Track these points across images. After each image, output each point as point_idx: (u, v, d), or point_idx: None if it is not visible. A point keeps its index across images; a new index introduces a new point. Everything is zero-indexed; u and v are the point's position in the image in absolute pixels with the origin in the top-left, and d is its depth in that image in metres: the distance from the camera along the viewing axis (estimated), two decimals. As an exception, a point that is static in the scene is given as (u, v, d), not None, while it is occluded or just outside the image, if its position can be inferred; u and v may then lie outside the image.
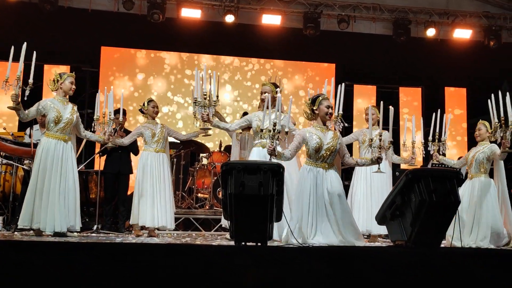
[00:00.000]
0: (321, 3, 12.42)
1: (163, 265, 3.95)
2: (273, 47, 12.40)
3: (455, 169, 6.93)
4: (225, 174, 4.71)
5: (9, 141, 7.62)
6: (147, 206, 6.97)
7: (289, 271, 4.07)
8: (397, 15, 12.57)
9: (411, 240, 5.01)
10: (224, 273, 3.95)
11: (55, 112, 6.37)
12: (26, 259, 3.84)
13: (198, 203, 9.69)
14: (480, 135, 6.90)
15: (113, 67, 12.08)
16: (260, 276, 3.99)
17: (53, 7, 11.27)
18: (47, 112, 6.40)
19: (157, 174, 7.10)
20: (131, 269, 3.91)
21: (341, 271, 4.15)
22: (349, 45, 12.55)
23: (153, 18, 11.67)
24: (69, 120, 6.44)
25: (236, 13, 12.05)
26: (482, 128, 6.90)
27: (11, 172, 8.25)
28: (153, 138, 7.19)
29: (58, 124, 6.38)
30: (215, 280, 3.87)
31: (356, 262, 4.24)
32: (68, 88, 6.54)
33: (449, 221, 5.23)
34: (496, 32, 12.63)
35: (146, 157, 7.16)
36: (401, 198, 5.12)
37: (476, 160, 6.72)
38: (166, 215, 7.08)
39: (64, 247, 4.30)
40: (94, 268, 3.86)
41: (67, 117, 6.42)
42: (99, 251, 4.09)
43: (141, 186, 7.02)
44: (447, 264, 4.39)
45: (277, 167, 4.76)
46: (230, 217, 4.69)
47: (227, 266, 4.01)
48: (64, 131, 6.41)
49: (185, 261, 4.00)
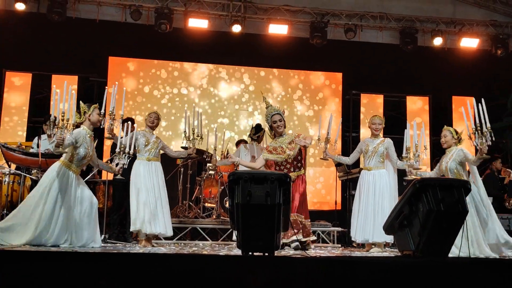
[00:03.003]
0: (328, 12, 12.46)
1: (170, 275, 3.95)
2: (280, 56, 12.43)
3: None
4: (232, 183, 4.70)
5: (17, 151, 7.64)
6: (145, 213, 6.98)
7: (297, 281, 4.06)
8: (404, 24, 12.59)
9: (419, 250, 4.99)
10: (231, 283, 3.94)
11: (86, 149, 6.33)
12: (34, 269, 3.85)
13: (205, 212, 9.68)
14: (446, 142, 6.76)
15: (121, 77, 12.12)
16: (267, 286, 3.97)
17: (61, 17, 11.37)
18: (79, 145, 6.29)
19: (150, 183, 7.12)
20: (138, 279, 3.91)
21: (348, 281, 4.13)
22: (356, 54, 12.57)
23: (161, 28, 11.74)
24: (91, 157, 6.48)
25: (243, 23, 12.11)
26: (447, 135, 6.78)
27: (19, 181, 8.27)
28: (146, 146, 7.23)
29: (84, 160, 6.37)
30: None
31: (364, 272, 4.22)
32: (96, 119, 6.41)
33: (457, 231, 5.20)
34: (504, 40, 12.62)
35: (138, 166, 7.20)
36: (408, 208, 5.10)
37: (450, 170, 6.59)
38: (165, 222, 7.10)
39: (71, 256, 4.30)
40: (101, 277, 3.87)
41: (90, 154, 6.42)
42: (106, 261, 4.09)
43: (137, 195, 7.04)
44: (456, 273, 4.37)
45: (284, 176, 4.76)
46: (237, 227, 4.68)
47: (234, 276, 4.00)
48: (83, 166, 6.54)
49: (192, 271, 4.00)
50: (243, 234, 4.65)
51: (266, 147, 7.34)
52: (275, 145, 7.14)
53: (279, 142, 7.14)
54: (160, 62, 12.45)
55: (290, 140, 7.10)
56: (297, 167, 7.09)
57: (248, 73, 12.74)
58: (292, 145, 7.05)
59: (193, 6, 12.08)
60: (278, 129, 7.13)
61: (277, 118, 7.11)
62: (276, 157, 7.06)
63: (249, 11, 12.32)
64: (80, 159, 6.29)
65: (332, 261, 4.57)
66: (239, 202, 4.60)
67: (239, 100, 12.62)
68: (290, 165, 7.06)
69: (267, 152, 7.17)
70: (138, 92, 12.15)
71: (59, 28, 11.50)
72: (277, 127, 7.12)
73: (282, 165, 7.08)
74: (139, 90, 12.18)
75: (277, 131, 7.15)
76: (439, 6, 12.80)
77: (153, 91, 12.26)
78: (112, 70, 12.12)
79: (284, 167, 7.06)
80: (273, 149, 7.13)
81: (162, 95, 12.30)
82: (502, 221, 8.73)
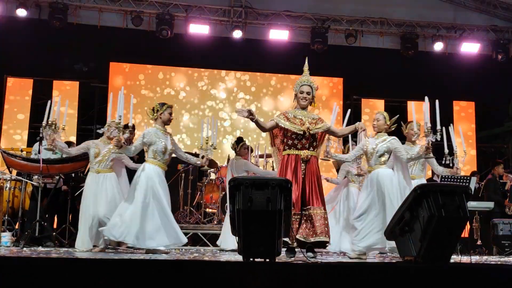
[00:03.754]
0: (329, 18, 12.49)
1: (171, 281, 3.94)
2: (280, 62, 12.45)
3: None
4: (233, 189, 4.69)
5: (18, 157, 7.65)
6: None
7: (298, 286, 4.05)
8: (404, 29, 12.61)
9: (421, 256, 4.98)
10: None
11: (163, 144, 6.43)
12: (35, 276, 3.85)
13: (206, 218, 9.67)
14: (378, 126, 6.58)
15: (122, 82, 12.14)
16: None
17: (62, 23, 11.41)
18: (153, 142, 6.41)
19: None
20: (139, 285, 3.90)
21: (349, 287, 4.12)
22: (357, 60, 12.58)
23: (162, 34, 11.78)
24: (172, 150, 6.56)
25: (244, 29, 12.15)
26: (380, 119, 6.61)
27: (20, 187, 8.28)
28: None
29: (165, 154, 6.45)
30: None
31: (365, 278, 4.21)
32: (167, 118, 6.54)
33: (458, 236, 5.20)
34: (504, 45, 12.64)
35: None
36: (410, 213, 5.09)
37: (378, 151, 6.47)
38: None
39: (73, 263, 4.30)
40: (102, 284, 3.86)
41: (170, 148, 6.51)
42: (107, 267, 4.09)
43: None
44: (457, 279, 4.36)
45: (285, 182, 4.75)
46: (238, 233, 4.67)
47: (235, 282, 4.00)
48: (167, 160, 6.58)
49: (193, 277, 3.99)
50: (244, 240, 4.64)
51: (282, 113, 6.19)
52: (295, 114, 6.07)
53: (300, 114, 6.08)
54: (161, 68, 12.47)
55: (314, 118, 6.11)
56: (312, 146, 6.05)
57: (250, 78, 12.75)
58: (314, 121, 6.06)
59: (194, 12, 12.12)
60: (302, 102, 6.09)
61: (305, 89, 6.12)
62: (292, 126, 5.97)
63: (250, 17, 12.35)
64: (161, 154, 6.42)
65: (333, 267, 4.56)
66: (240, 208, 4.60)
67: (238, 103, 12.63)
68: (306, 141, 6.00)
69: (283, 118, 6.04)
70: (140, 98, 12.15)
71: (60, 34, 11.54)
72: (302, 98, 6.09)
73: (296, 139, 5.98)
74: (141, 96, 12.18)
75: (300, 103, 6.12)
76: (439, 11, 12.83)
77: (154, 95, 12.28)
78: (113, 76, 12.13)
79: (298, 142, 5.98)
80: (292, 118, 6.04)
81: (161, 99, 12.29)
82: (503, 226, 8.75)
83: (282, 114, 6.11)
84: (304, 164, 5.95)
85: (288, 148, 6.01)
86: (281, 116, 6.09)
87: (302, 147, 5.98)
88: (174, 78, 12.50)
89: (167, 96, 12.25)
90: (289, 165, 5.93)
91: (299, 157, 5.93)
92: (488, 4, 12.81)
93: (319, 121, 6.11)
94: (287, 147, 6.02)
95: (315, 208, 5.86)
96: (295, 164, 5.93)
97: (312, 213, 5.84)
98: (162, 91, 12.36)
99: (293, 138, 6.00)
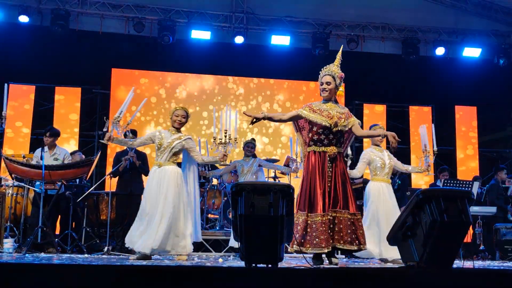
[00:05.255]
0: (330, 23, 12.51)
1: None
2: (282, 67, 12.46)
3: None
4: (235, 195, 4.69)
5: (20, 163, 7.64)
6: None
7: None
8: (406, 34, 12.63)
9: (423, 261, 4.97)
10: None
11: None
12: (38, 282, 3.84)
13: (209, 224, 9.66)
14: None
15: (124, 88, 12.15)
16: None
17: (64, 30, 11.45)
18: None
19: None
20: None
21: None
22: (359, 65, 12.58)
23: (164, 40, 11.80)
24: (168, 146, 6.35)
25: (246, 34, 12.16)
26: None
27: (22, 194, 8.28)
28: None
29: (159, 150, 6.33)
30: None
31: (368, 283, 4.20)
32: (173, 120, 6.42)
33: (461, 241, 5.19)
34: (506, 50, 12.65)
35: None
36: (412, 219, 5.08)
37: None
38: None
39: (75, 269, 4.29)
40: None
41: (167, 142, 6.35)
42: (109, 274, 4.08)
43: None
44: (460, 284, 4.35)
45: (287, 187, 4.75)
46: (240, 239, 4.67)
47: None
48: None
49: (195, 283, 3.98)
50: (246, 246, 4.64)
51: (307, 104, 5.76)
52: (321, 107, 5.67)
53: (328, 106, 5.69)
54: (163, 74, 12.48)
55: (342, 111, 5.73)
56: (339, 142, 5.67)
57: (251, 84, 12.75)
58: (342, 115, 5.67)
59: (196, 18, 12.15)
60: (323, 94, 5.73)
61: (325, 79, 5.76)
62: (319, 118, 5.57)
63: (252, 22, 12.38)
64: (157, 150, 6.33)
65: (336, 272, 4.55)
66: (242, 214, 4.59)
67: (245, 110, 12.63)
68: (334, 137, 5.62)
69: (309, 110, 5.65)
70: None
71: (62, 40, 11.58)
72: (322, 90, 5.74)
73: (323, 134, 5.60)
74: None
75: (322, 95, 5.76)
76: (441, 16, 12.84)
77: (157, 102, 12.28)
78: (115, 82, 12.14)
79: (325, 137, 5.60)
80: (318, 110, 5.64)
81: (163, 105, 12.33)
82: (506, 231, 8.72)
83: (307, 106, 5.70)
84: (330, 162, 5.57)
85: (313, 143, 5.65)
86: (306, 108, 5.68)
87: (329, 143, 5.60)
88: (175, 83, 12.50)
89: (169, 102, 12.27)
90: (316, 163, 5.57)
91: (326, 154, 5.56)
92: (490, 8, 12.82)
93: (347, 115, 5.72)
94: (312, 143, 5.66)
95: (343, 212, 5.50)
96: (321, 162, 5.56)
97: (341, 217, 5.48)
98: (164, 97, 12.35)
99: (319, 133, 5.61)
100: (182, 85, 12.52)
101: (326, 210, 5.45)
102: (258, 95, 12.72)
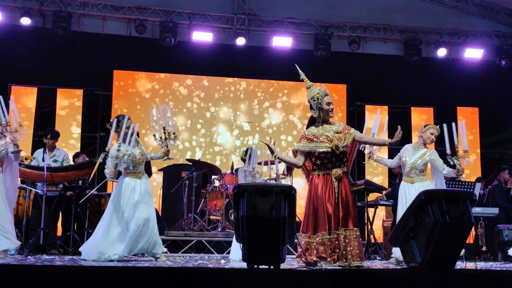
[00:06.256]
0: (332, 24, 12.51)
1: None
2: (284, 68, 12.45)
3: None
4: (237, 196, 4.70)
5: (22, 165, 7.63)
6: None
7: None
8: (407, 35, 12.62)
9: (425, 262, 4.96)
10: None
11: None
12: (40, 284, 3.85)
13: (211, 225, 9.65)
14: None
15: (125, 90, 12.15)
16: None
17: (66, 32, 11.46)
18: None
19: None
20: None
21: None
22: (360, 66, 12.60)
23: (165, 42, 11.81)
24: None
25: (247, 36, 12.17)
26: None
27: (24, 195, 8.27)
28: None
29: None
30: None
31: (370, 285, 4.20)
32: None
33: (463, 242, 5.18)
34: (508, 51, 12.63)
35: None
36: (414, 220, 5.08)
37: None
38: None
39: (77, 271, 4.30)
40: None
41: None
42: (110, 275, 4.08)
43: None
44: (462, 285, 4.34)
45: (289, 189, 4.75)
46: (242, 240, 4.67)
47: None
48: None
49: (197, 284, 3.99)
50: (248, 247, 4.64)
51: (303, 135, 5.79)
52: (317, 133, 5.71)
53: (324, 129, 5.72)
54: (164, 75, 12.48)
55: (339, 130, 5.74)
56: (342, 163, 5.70)
57: (253, 85, 12.75)
58: (340, 135, 5.67)
59: (198, 19, 12.16)
60: (331, 114, 5.74)
61: (330, 100, 5.75)
62: (318, 146, 5.63)
63: (253, 24, 12.39)
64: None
65: (337, 274, 4.55)
66: (244, 215, 4.59)
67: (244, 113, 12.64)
68: (336, 159, 5.66)
69: (306, 142, 5.70)
70: (144, 105, 12.17)
71: (64, 42, 11.59)
72: (330, 111, 5.73)
73: (325, 158, 5.65)
74: (145, 103, 12.19)
75: (329, 115, 5.73)
76: (442, 17, 12.83)
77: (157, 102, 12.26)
78: (117, 84, 12.15)
79: (328, 161, 5.66)
80: (314, 137, 5.69)
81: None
82: (508, 232, 8.71)
83: (303, 138, 5.75)
84: (337, 182, 5.64)
85: (317, 168, 5.71)
86: (303, 140, 5.74)
87: (333, 166, 5.66)
88: (177, 85, 12.49)
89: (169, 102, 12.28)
90: (320, 184, 5.63)
91: (331, 176, 5.64)
92: (491, 10, 12.81)
93: (345, 131, 5.73)
94: (316, 167, 5.72)
95: (348, 230, 5.58)
96: (327, 183, 5.63)
97: (347, 235, 5.57)
98: (165, 98, 12.35)
99: (322, 158, 5.66)
100: (182, 86, 12.51)
101: (332, 228, 5.58)
102: (259, 96, 12.71)
